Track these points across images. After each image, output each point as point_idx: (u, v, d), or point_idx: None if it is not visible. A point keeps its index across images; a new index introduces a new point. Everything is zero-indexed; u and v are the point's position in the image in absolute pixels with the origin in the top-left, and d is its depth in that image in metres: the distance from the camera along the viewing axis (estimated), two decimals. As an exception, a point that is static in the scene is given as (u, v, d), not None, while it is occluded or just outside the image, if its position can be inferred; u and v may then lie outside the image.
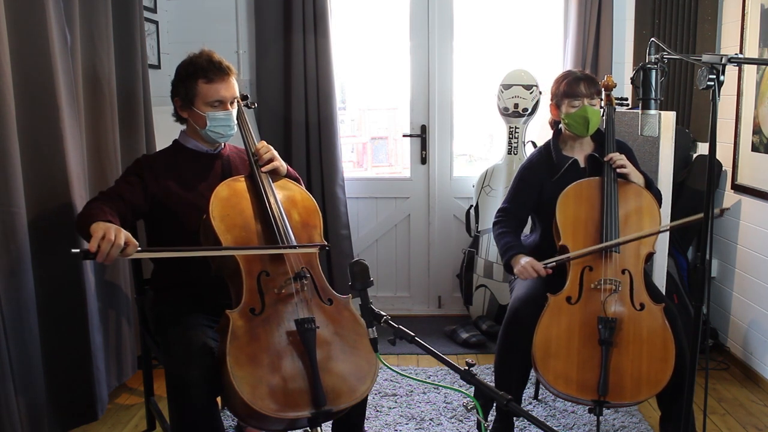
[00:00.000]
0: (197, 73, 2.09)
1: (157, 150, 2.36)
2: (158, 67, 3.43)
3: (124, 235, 1.79)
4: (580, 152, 2.46)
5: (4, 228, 2.01)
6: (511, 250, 2.34)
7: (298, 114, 3.54)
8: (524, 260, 2.26)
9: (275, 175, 2.18)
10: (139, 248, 1.83)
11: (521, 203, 2.47)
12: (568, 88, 2.36)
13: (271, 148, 2.19)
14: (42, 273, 2.17)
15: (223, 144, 2.24)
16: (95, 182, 2.53)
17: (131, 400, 2.80)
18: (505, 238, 2.40)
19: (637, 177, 2.36)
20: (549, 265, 2.23)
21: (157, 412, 2.41)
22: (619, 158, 2.33)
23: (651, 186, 2.41)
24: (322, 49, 3.49)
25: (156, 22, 3.41)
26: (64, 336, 2.27)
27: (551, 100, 2.46)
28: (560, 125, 2.48)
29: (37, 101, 2.14)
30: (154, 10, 3.38)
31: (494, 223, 2.48)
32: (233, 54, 3.67)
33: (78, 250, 1.76)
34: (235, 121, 2.17)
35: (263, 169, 2.13)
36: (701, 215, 1.74)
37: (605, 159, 2.35)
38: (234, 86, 2.16)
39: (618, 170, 2.32)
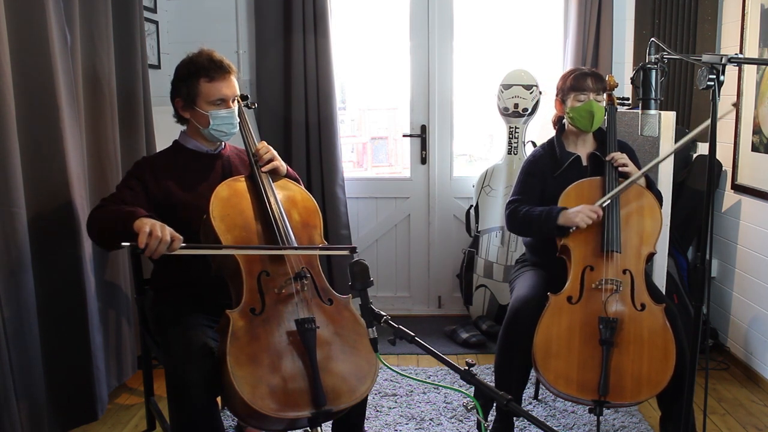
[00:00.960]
0: (199, 72, 2.09)
1: (158, 150, 2.35)
2: (158, 67, 3.43)
3: (169, 231, 1.80)
4: (582, 149, 2.46)
5: (4, 228, 2.01)
6: (552, 210, 2.28)
7: (298, 114, 3.54)
8: (574, 209, 2.23)
9: (275, 175, 2.18)
10: (183, 243, 1.83)
11: (530, 194, 2.43)
12: (576, 82, 2.38)
13: (271, 148, 2.19)
14: (42, 273, 2.17)
15: (223, 144, 2.24)
16: (95, 182, 2.54)
17: (131, 400, 2.80)
18: (537, 208, 2.33)
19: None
20: (605, 204, 2.22)
21: (157, 412, 2.41)
22: (621, 157, 2.33)
23: (652, 186, 2.41)
24: (322, 49, 3.49)
25: (156, 22, 3.41)
26: (64, 336, 2.27)
27: (557, 95, 2.47)
28: (564, 121, 2.49)
29: (37, 101, 2.14)
30: (154, 10, 3.38)
31: (510, 212, 2.40)
32: (233, 54, 3.67)
33: (128, 243, 1.76)
34: (237, 119, 2.17)
35: (263, 169, 2.13)
36: (708, 123, 1.74)
37: (607, 159, 2.35)
38: (235, 84, 2.16)
39: (620, 169, 2.33)
